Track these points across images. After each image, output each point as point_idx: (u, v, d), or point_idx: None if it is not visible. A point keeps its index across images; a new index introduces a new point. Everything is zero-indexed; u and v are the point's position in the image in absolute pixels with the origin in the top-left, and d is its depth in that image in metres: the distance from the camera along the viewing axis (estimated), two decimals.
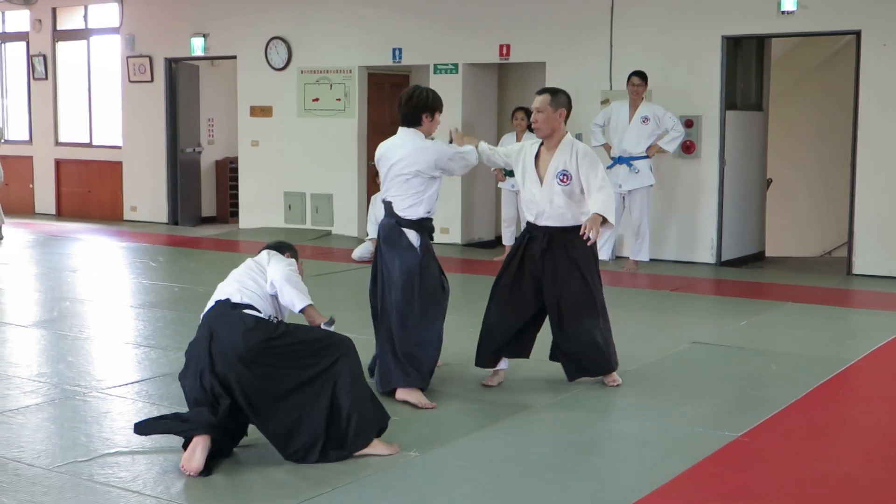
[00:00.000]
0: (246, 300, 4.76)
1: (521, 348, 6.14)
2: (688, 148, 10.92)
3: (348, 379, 4.69)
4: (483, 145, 6.26)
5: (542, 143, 6.00)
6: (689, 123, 10.85)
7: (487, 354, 6.07)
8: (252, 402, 4.58)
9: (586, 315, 5.92)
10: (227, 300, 4.77)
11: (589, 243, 5.74)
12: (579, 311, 5.92)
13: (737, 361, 6.87)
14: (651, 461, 4.76)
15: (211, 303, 4.85)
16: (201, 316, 4.83)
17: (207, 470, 4.48)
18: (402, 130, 5.85)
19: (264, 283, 4.87)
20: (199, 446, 4.50)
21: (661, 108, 10.37)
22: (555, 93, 5.94)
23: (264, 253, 5.10)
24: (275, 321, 4.76)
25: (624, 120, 10.44)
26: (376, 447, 4.76)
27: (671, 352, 7.00)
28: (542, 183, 5.93)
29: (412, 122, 5.79)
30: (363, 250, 11.11)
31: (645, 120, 10.35)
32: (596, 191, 5.79)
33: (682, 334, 7.54)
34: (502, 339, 6.04)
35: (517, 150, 6.16)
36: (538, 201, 5.95)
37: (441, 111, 5.86)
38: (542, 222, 5.96)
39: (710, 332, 7.76)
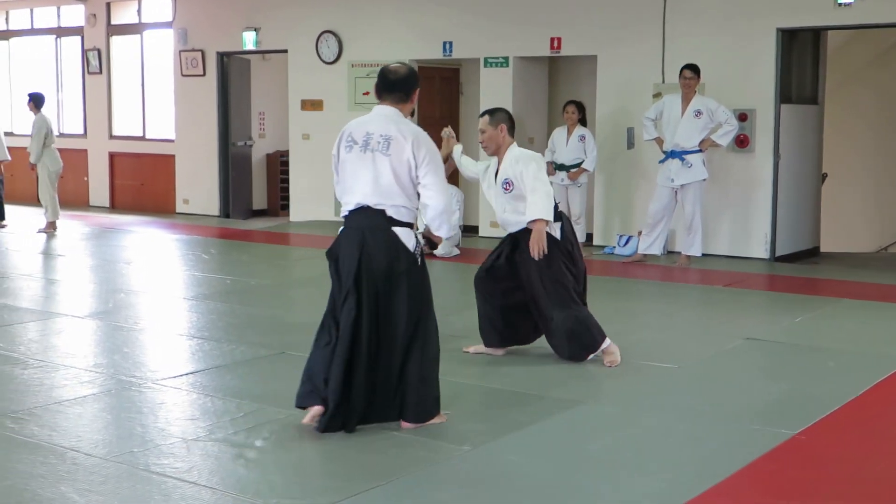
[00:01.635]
0: (396, 216, 4.90)
1: (518, 336, 6.60)
2: (742, 142, 10.80)
3: (430, 352, 5.02)
4: (457, 152, 6.66)
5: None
6: (742, 117, 10.73)
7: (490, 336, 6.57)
8: (375, 325, 4.88)
9: (557, 307, 6.28)
10: (382, 212, 4.88)
11: (538, 258, 6.11)
12: (551, 304, 6.28)
13: (792, 358, 6.78)
14: (706, 458, 4.72)
15: (359, 200, 4.91)
16: (345, 212, 4.99)
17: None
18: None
19: (413, 193, 4.93)
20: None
21: (714, 102, 10.25)
22: (493, 112, 6.40)
23: (410, 141, 4.86)
24: (417, 254, 4.95)
25: (676, 114, 10.33)
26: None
27: (725, 348, 6.93)
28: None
29: None
30: (446, 248, 10.89)
31: (698, 114, 10.24)
32: (530, 193, 6.13)
33: (736, 330, 7.46)
34: (494, 326, 6.52)
35: (483, 168, 6.56)
36: (496, 212, 6.44)
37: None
38: (508, 230, 6.42)
39: (765, 328, 7.67)
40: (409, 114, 5.10)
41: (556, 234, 6.29)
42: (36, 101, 13.25)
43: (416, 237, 5.00)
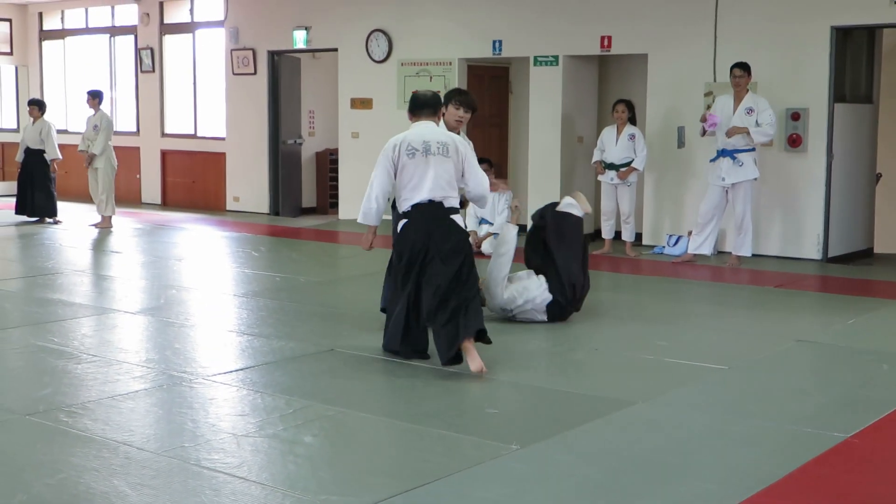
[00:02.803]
0: (449, 206, 6.32)
1: None
2: (794, 141, 10.67)
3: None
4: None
5: None
6: (795, 116, 10.61)
7: None
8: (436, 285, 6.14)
9: None
10: (441, 203, 6.28)
11: None
12: None
13: (844, 361, 6.70)
14: (757, 461, 4.67)
15: (424, 196, 6.26)
16: (408, 207, 6.30)
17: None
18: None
19: (459, 183, 6.40)
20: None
21: (766, 103, 10.13)
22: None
23: (461, 147, 6.38)
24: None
25: (728, 112, 10.23)
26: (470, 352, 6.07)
27: (775, 350, 6.86)
28: None
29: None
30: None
31: (749, 111, 10.13)
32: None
33: (787, 332, 7.38)
34: None
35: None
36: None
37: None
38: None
39: (816, 330, 7.58)
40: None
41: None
42: (100, 97, 13.50)
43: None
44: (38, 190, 13.83)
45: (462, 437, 4.92)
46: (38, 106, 14.15)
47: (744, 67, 10.18)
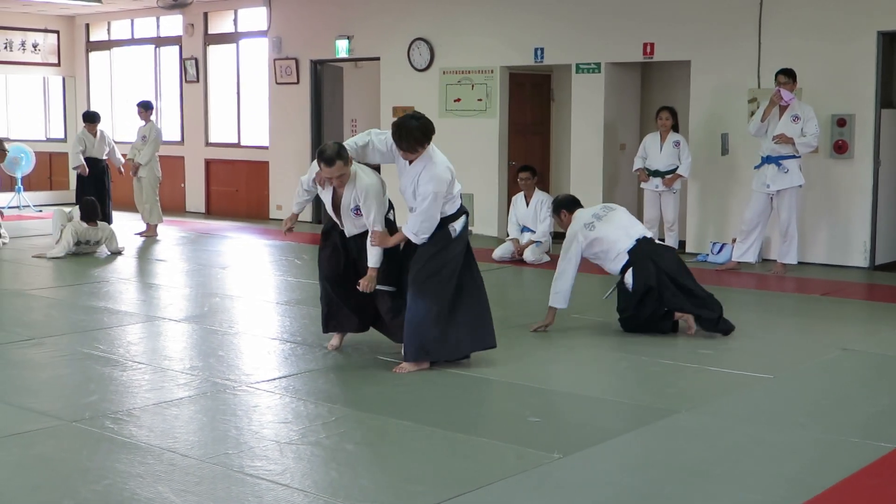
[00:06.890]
0: None
1: None
2: (840, 147, 10.56)
3: None
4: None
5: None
6: (841, 122, 10.49)
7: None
8: None
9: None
10: None
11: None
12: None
13: (891, 370, 6.61)
14: (802, 470, 4.62)
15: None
16: None
17: None
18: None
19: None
20: None
21: (812, 112, 10.02)
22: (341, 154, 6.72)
23: None
24: None
25: (775, 118, 10.15)
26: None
27: (820, 359, 6.78)
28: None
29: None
30: (503, 250, 11.11)
31: (795, 119, 10.04)
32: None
33: (832, 341, 7.30)
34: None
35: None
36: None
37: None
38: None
39: (862, 339, 7.49)
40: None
41: None
42: (150, 108, 13.60)
43: None
44: (106, 199, 13.85)
45: (504, 445, 4.91)
46: (93, 121, 13.92)
47: (789, 74, 10.08)
